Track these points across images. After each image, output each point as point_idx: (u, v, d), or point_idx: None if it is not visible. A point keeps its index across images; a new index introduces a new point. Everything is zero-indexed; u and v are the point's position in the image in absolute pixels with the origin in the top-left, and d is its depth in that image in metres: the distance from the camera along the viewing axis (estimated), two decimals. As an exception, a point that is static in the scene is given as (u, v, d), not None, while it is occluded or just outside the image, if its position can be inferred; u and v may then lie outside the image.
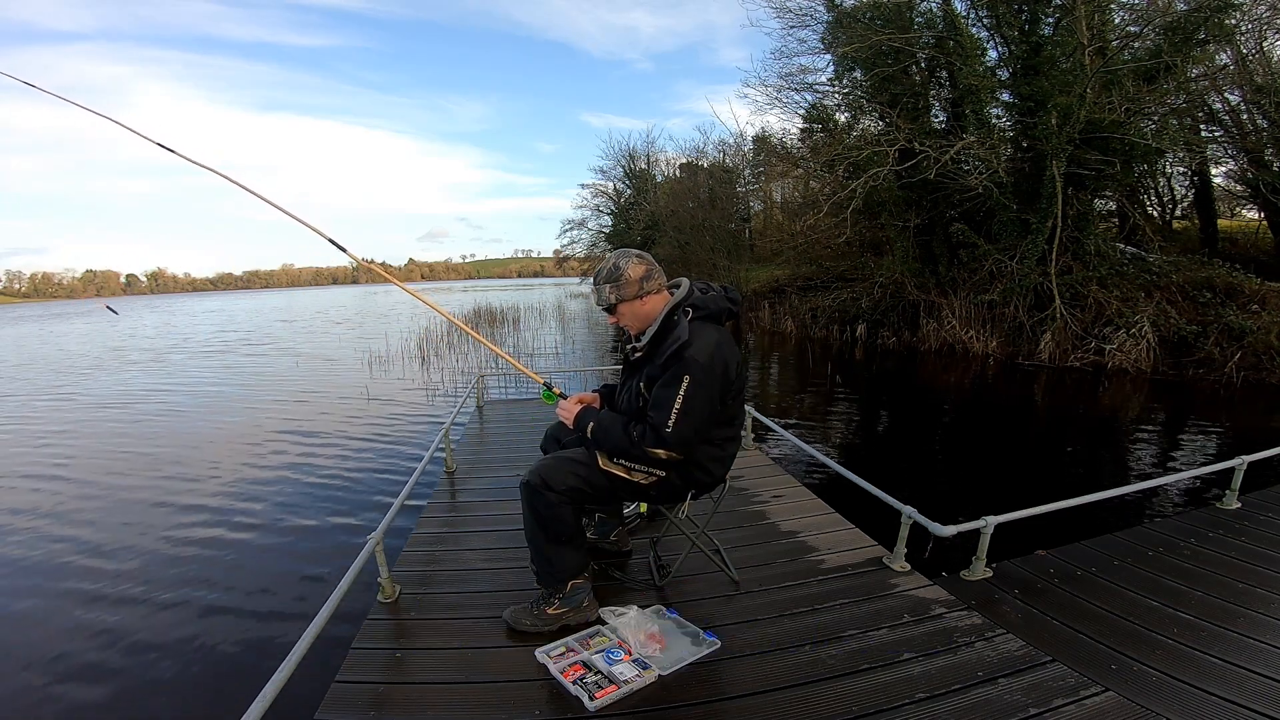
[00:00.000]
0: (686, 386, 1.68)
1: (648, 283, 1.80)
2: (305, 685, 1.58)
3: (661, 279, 1.84)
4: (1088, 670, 1.69)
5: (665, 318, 1.80)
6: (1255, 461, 3.00)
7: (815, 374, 9.44)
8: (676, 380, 1.69)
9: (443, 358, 11.60)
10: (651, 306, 1.82)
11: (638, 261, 1.81)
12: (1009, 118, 10.58)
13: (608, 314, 1.89)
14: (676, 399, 1.68)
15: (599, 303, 1.88)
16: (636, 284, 1.79)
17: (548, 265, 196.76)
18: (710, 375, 1.70)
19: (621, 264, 1.80)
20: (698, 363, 1.68)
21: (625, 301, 1.81)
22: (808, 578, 2.19)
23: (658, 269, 1.84)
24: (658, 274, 1.83)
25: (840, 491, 2.99)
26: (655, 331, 1.81)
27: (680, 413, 1.68)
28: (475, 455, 3.84)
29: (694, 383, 1.68)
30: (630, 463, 1.81)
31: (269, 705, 1.35)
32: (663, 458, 1.74)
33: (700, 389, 1.69)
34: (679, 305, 1.80)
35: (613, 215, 32.39)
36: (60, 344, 19.96)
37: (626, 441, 1.76)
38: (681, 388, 1.68)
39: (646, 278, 1.80)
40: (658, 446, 1.71)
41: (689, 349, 1.69)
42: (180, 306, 55.51)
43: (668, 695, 1.58)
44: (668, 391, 1.70)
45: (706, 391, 1.70)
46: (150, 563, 3.61)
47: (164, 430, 7.01)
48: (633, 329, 1.89)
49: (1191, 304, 8.53)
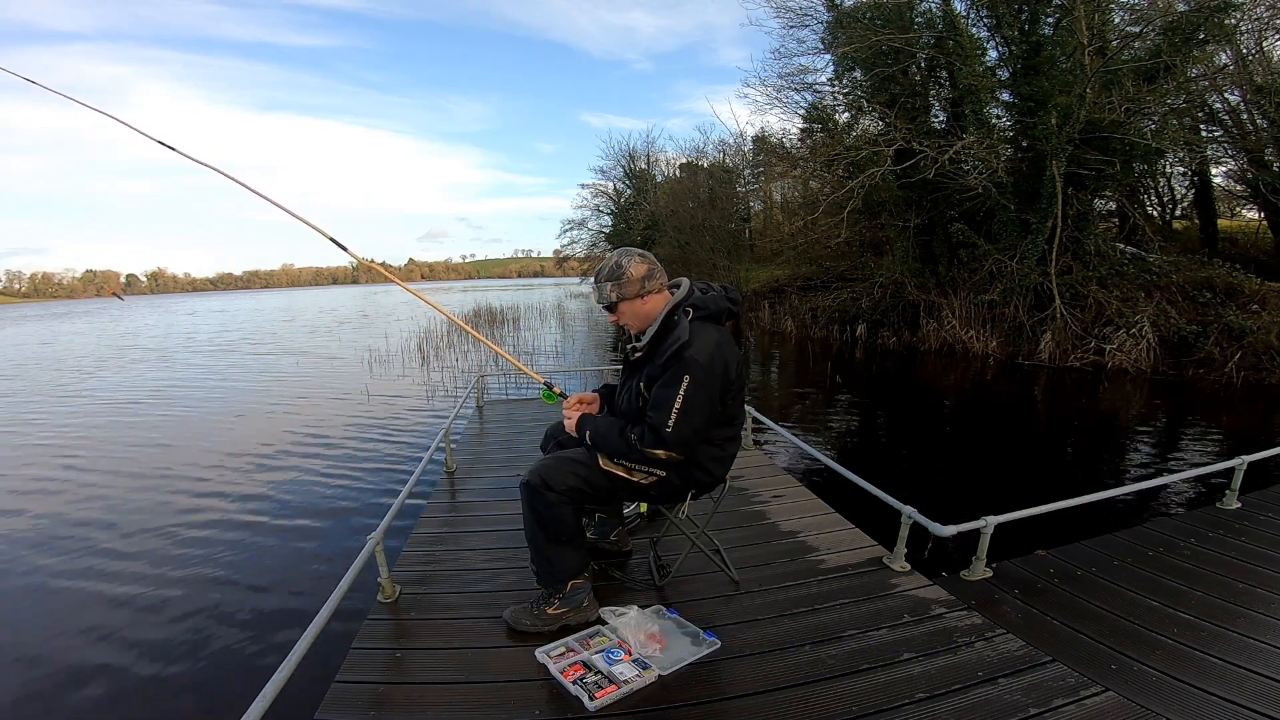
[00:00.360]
0: (686, 386, 1.67)
1: (649, 282, 1.80)
2: (305, 685, 1.58)
3: (663, 279, 1.84)
4: (1088, 670, 1.69)
5: (665, 318, 1.80)
6: (1255, 461, 3.00)
7: (815, 374, 9.44)
8: (676, 380, 1.69)
9: (443, 357, 11.60)
10: (652, 306, 1.82)
11: (640, 260, 1.81)
12: (1009, 118, 10.58)
13: (608, 312, 1.89)
14: (676, 399, 1.68)
15: (600, 300, 1.88)
16: (638, 283, 1.79)
17: (548, 265, 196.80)
18: (710, 375, 1.70)
19: (624, 262, 1.80)
20: (698, 363, 1.68)
21: (626, 300, 1.81)
22: (808, 578, 2.19)
23: (659, 268, 1.84)
24: (659, 273, 1.83)
25: (840, 491, 2.98)
26: (655, 331, 1.81)
27: (680, 413, 1.68)
28: (475, 455, 3.84)
29: (694, 383, 1.68)
30: (631, 464, 1.81)
31: (269, 705, 1.35)
32: (662, 458, 1.74)
33: (700, 389, 1.69)
34: (679, 305, 1.80)
35: (613, 215, 32.38)
36: (66, 343, 19.96)
37: (624, 445, 1.76)
38: (681, 388, 1.68)
39: (648, 277, 1.80)
40: (657, 447, 1.71)
41: (689, 349, 1.69)
42: (182, 306, 55.50)
43: (668, 695, 1.58)
44: (667, 392, 1.70)
45: (706, 391, 1.70)
46: (150, 562, 3.61)
47: (165, 429, 7.01)
48: (633, 328, 1.89)
49: (1191, 304, 8.53)
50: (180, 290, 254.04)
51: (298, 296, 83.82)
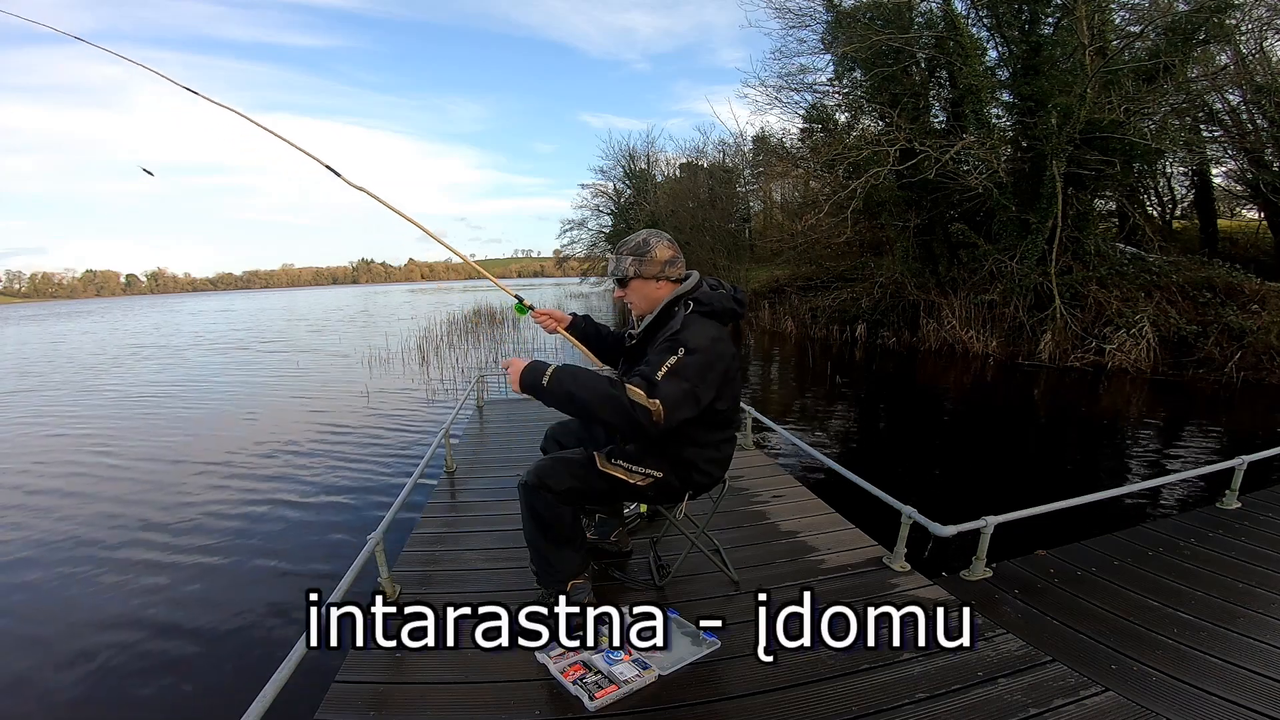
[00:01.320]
0: (682, 353, 1.61)
1: (669, 268, 1.79)
2: (305, 685, 1.58)
3: (681, 269, 1.82)
4: (1088, 670, 1.69)
5: (665, 307, 1.79)
6: (1255, 461, 3.00)
7: (815, 374, 9.43)
8: (670, 350, 1.63)
9: (443, 357, 11.60)
10: (664, 293, 1.81)
11: (668, 245, 1.80)
12: (1009, 118, 10.58)
13: (618, 286, 1.85)
14: (669, 359, 1.61)
15: (614, 272, 1.84)
16: (659, 265, 1.78)
17: (548, 265, 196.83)
18: (705, 356, 1.64)
19: (651, 241, 1.79)
20: (691, 343, 1.64)
21: (641, 279, 1.79)
22: (808, 578, 2.19)
23: (682, 259, 1.83)
24: (680, 263, 1.82)
25: (840, 491, 2.98)
26: (653, 320, 1.80)
27: (670, 370, 1.59)
28: (475, 455, 3.84)
29: (688, 352, 1.62)
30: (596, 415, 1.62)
31: (269, 705, 1.35)
32: (646, 406, 1.54)
33: (693, 358, 1.62)
34: (683, 297, 1.79)
35: (613, 215, 32.34)
36: (76, 342, 19.97)
37: (604, 383, 1.58)
38: (675, 355, 1.61)
39: (670, 263, 1.79)
40: (642, 389, 1.54)
41: (682, 334, 1.66)
42: (183, 306, 55.48)
43: (668, 695, 1.58)
44: (660, 355, 1.63)
45: (698, 365, 1.63)
46: (149, 562, 3.61)
47: (167, 427, 7.01)
48: (637, 310, 1.87)
49: (1191, 304, 8.52)
50: (180, 290, 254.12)
51: (299, 296, 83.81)
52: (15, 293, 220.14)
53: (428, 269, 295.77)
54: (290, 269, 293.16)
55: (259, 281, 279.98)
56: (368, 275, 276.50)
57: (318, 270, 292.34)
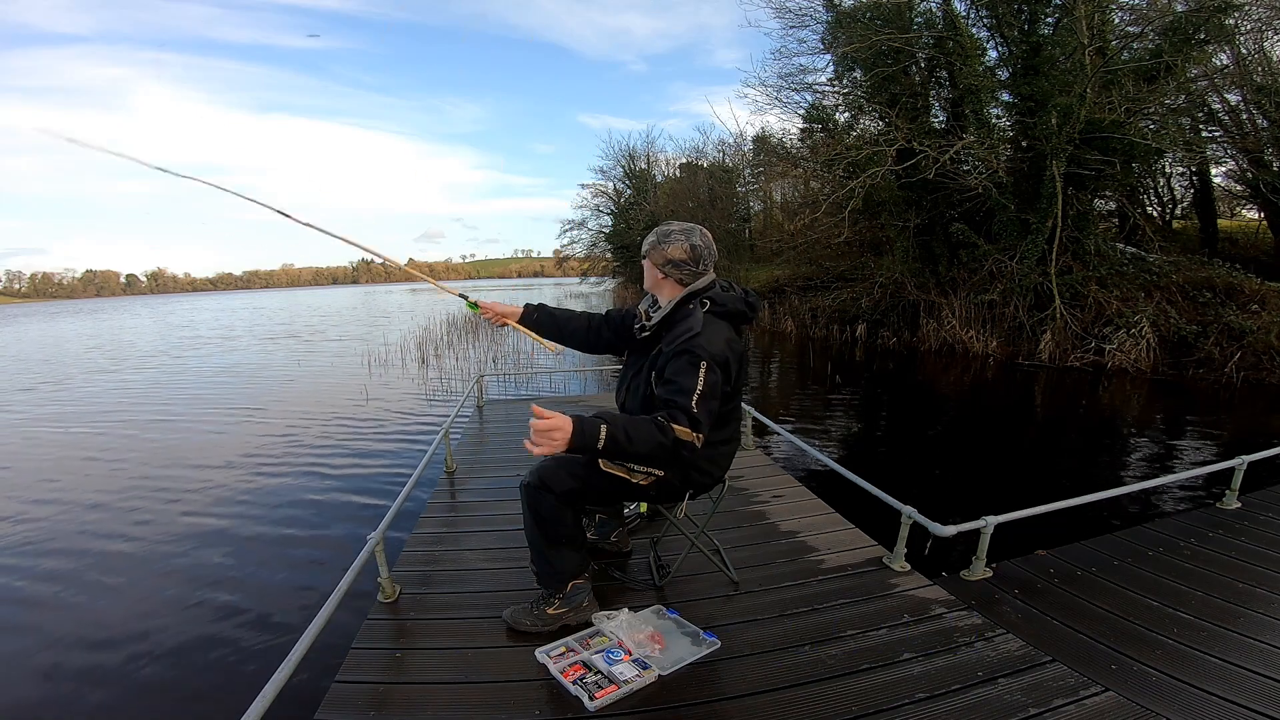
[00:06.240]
0: (705, 372, 1.64)
1: (672, 268, 1.80)
2: (305, 685, 1.59)
3: (688, 275, 1.81)
4: (1088, 670, 1.69)
5: (679, 303, 1.81)
6: (1255, 461, 3.00)
7: (815, 374, 9.43)
8: (694, 366, 1.65)
9: (442, 358, 11.60)
10: (665, 285, 1.85)
11: (685, 250, 1.78)
12: (1009, 118, 10.58)
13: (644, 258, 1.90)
14: (697, 383, 1.63)
15: (645, 245, 1.88)
16: (664, 258, 1.80)
17: (548, 265, 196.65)
18: (723, 367, 1.69)
19: (676, 238, 1.79)
20: (710, 353, 1.66)
21: (650, 262, 1.85)
22: (808, 578, 2.19)
23: (695, 268, 1.80)
24: (689, 270, 1.80)
25: (840, 491, 2.98)
26: (666, 314, 1.82)
27: (701, 396, 1.63)
28: (475, 455, 3.84)
29: (710, 369, 1.65)
30: (648, 465, 1.74)
31: (269, 705, 1.35)
32: (689, 439, 1.59)
33: (715, 376, 1.66)
34: (696, 294, 1.80)
35: (613, 215, 32.36)
36: (66, 345, 19.97)
37: (657, 430, 1.55)
38: (701, 372, 1.64)
39: (675, 265, 1.79)
40: (687, 425, 1.58)
41: (700, 338, 1.68)
42: (185, 306, 55.48)
43: (668, 695, 1.58)
44: (687, 377, 1.64)
45: (720, 380, 1.69)
46: (149, 562, 3.61)
47: (162, 429, 7.01)
48: (645, 284, 1.93)
49: (1191, 304, 8.52)
50: (180, 290, 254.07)
51: (299, 296, 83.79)
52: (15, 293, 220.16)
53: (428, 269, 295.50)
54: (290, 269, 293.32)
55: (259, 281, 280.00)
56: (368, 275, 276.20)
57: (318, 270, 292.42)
